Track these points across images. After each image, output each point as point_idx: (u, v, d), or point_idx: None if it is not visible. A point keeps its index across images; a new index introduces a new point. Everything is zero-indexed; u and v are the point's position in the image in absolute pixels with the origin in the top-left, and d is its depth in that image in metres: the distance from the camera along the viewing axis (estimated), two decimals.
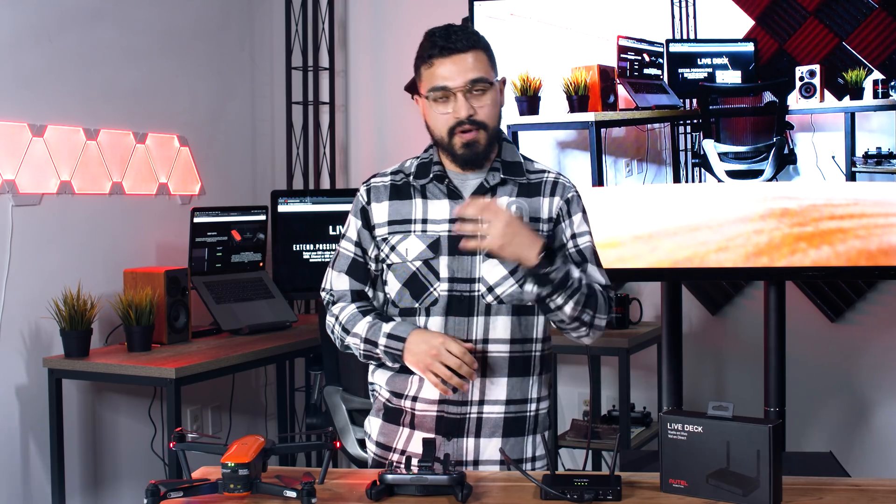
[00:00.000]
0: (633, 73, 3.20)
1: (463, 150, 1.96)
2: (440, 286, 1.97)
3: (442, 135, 1.97)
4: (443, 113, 1.95)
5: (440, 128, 1.96)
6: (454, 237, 1.97)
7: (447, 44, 1.93)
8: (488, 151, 1.98)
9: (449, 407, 1.97)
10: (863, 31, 3.07)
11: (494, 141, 2.00)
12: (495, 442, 1.99)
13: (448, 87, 1.93)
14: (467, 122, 1.93)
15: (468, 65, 1.93)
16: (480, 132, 1.95)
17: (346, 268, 2.05)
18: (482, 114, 1.95)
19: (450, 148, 1.97)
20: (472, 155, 1.96)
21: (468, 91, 1.93)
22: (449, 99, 1.94)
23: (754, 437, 1.63)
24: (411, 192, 2.02)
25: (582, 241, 2.03)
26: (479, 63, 1.94)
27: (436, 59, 1.94)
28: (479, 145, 1.96)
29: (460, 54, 1.93)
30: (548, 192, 2.02)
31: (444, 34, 1.95)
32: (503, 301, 1.97)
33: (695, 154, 3.19)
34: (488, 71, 1.96)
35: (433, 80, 1.94)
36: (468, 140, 1.95)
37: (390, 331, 1.95)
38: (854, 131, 3.08)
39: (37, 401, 3.30)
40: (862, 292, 3.80)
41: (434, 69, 1.94)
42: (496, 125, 1.99)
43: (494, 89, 1.97)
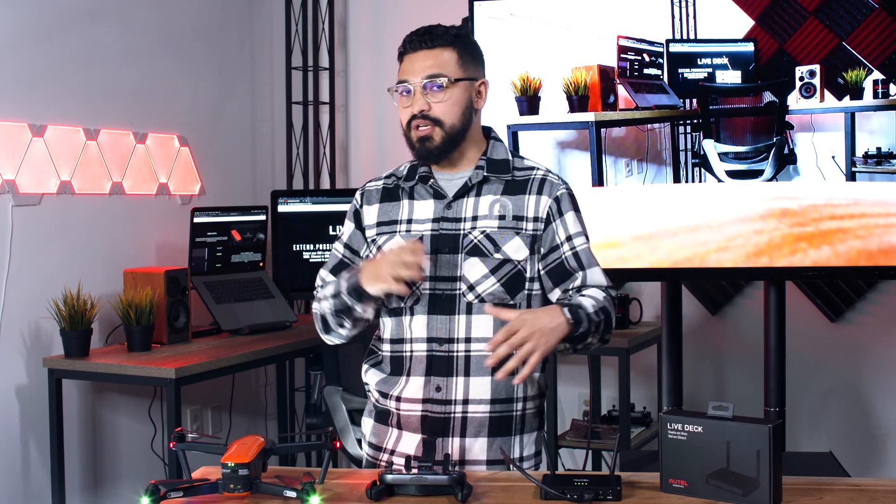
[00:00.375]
0: (633, 73, 3.20)
1: (418, 144, 1.99)
2: (423, 285, 1.97)
3: (404, 128, 2.01)
4: (403, 107, 1.99)
5: (403, 122, 2.01)
6: (436, 236, 1.98)
7: (415, 39, 1.98)
8: (446, 149, 1.99)
9: (433, 406, 1.97)
10: (863, 31, 3.07)
11: (454, 140, 1.99)
12: (481, 441, 1.98)
13: (407, 80, 1.98)
14: (420, 116, 1.96)
15: (429, 62, 1.97)
16: (435, 129, 1.97)
17: (331, 267, 2.09)
18: (437, 110, 1.96)
19: (409, 142, 2.01)
20: (425, 151, 1.98)
21: (426, 87, 1.96)
22: (410, 94, 1.98)
23: (754, 437, 1.63)
24: (400, 194, 2.05)
25: (578, 242, 2.00)
26: (443, 60, 1.97)
27: (406, 55, 2.00)
28: (433, 141, 1.97)
29: (426, 50, 1.97)
30: (534, 190, 2.01)
31: (420, 32, 2.00)
32: (485, 299, 1.96)
33: (695, 154, 3.19)
34: (454, 69, 1.97)
35: (399, 75, 2.00)
36: (421, 135, 1.97)
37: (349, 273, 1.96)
38: (854, 131, 3.08)
39: (37, 401, 3.30)
40: (862, 292, 3.80)
41: (403, 64, 2.00)
42: (456, 124, 1.98)
43: (458, 87, 1.97)
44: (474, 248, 1.97)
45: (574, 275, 1.98)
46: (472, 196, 2.00)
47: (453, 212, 1.99)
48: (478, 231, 1.98)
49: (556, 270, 2.00)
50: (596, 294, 1.95)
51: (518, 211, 2.00)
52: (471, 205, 2.00)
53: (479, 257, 1.96)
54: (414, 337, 1.98)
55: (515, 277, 1.98)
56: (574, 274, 1.99)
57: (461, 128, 1.99)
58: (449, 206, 2.00)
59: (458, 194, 2.00)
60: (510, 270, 1.97)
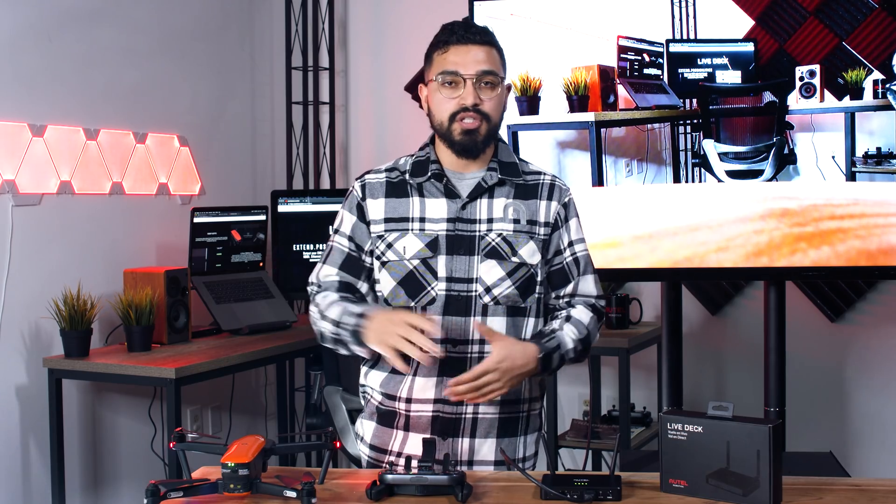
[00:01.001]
0: (633, 73, 3.20)
1: (461, 136, 1.96)
2: (438, 285, 1.96)
3: (443, 119, 1.97)
4: (449, 97, 1.96)
5: (443, 112, 1.97)
6: (452, 237, 1.97)
7: (465, 33, 1.97)
8: (485, 145, 1.99)
9: (445, 407, 1.97)
10: (863, 31, 3.07)
11: (493, 137, 2.01)
12: (490, 442, 1.99)
13: (459, 72, 1.95)
14: (472, 109, 1.94)
15: (482, 56, 1.96)
16: (483, 123, 1.96)
17: (339, 262, 2.03)
18: (488, 105, 1.96)
19: (448, 134, 1.97)
20: (469, 143, 1.97)
21: (478, 81, 1.95)
22: (457, 85, 1.95)
23: (754, 437, 1.63)
24: (408, 189, 2.01)
25: (579, 248, 2.05)
26: (492, 58, 1.98)
27: (451, 46, 1.96)
28: (479, 135, 1.97)
29: (476, 46, 1.96)
30: (545, 195, 2.03)
31: (464, 25, 1.99)
32: (500, 302, 1.97)
33: (695, 154, 3.19)
34: (499, 69, 1.99)
35: (444, 65, 1.96)
36: (469, 127, 1.96)
37: (360, 309, 1.92)
38: (854, 131, 3.08)
39: (37, 401, 3.30)
40: (862, 292, 3.80)
41: (447, 55, 1.96)
42: (498, 122, 2.00)
43: (502, 87, 1.99)
44: (492, 251, 1.97)
45: (569, 281, 2.04)
46: (485, 198, 2.00)
47: (468, 213, 1.98)
48: (494, 234, 1.98)
49: (557, 275, 2.04)
50: (582, 317, 2.01)
51: (532, 215, 2.01)
52: (485, 206, 1.99)
53: (497, 260, 1.97)
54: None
55: (529, 281, 1.99)
56: (570, 280, 2.04)
57: (498, 127, 2.02)
58: (464, 206, 1.99)
59: (472, 195, 1.99)
60: (525, 274, 1.98)
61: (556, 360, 1.95)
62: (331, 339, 1.99)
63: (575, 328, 1.99)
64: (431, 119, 2.02)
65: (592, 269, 2.07)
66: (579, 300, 2.04)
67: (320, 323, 2.00)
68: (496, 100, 1.98)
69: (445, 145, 2.01)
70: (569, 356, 1.98)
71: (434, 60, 1.99)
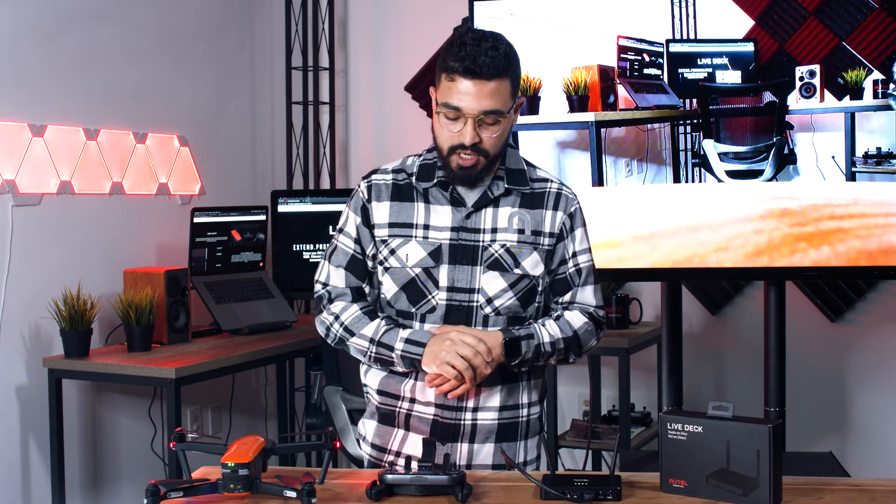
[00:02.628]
0: (633, 73, 3.20)
1: (458, 170, 1.94)
2: (439, 295, 1.96)
3: (442, 147, 1.95)
4: (449, 130, 1.92)
5: (442, 141, 1.94)
6: (455, 246, 1.96)
7: (474, 66, 1.86)
8: (484, 175, 1.97)
9: (444, 412, 1.97)
10: (863, 31, 3.07)
11: (494, 163, 1.97)
12: (488, 447, 1.99)
13: (461, 109, 1.89)
14: (470, 148, 1.91)
15: (487, 93, 1.87)
16: (480, 159, 1.93)
17: (345, 263, 2.02)
18: (487, 143, 1.92)
19: (447, 162, 1.95)
20: (465, 177, 1.95)
21: (479, 120, 1.89)
22: (458, 120, 1.90)
23: (754, 437, 1.63)
24: (413, 194, 2.00)
25: (582, 259, 2.03)
26: (499, 94, 1.88)
27: (458, 77, 1.87)
28: (475, 170, 1.94)
29: (484, 82, 1.87)
30: (551, 205, 2.01)
31: (474, 53, 1.86)
32: (501, 313, 1.97)
33: (695, 154, 3.19)
34: (507, 102, 1.91)
35: (449, 96, 1.89)
36: (465, 164, 1.93)
37: (409, 336, 1.94)
38: (854, 131, 3.08)
39: (37, 401, 3.30)
40: (862, 292, 3.80)
41: (454, 85, 1.88)
42: (499, 153, 1.96)
43: (507, 119, 1.93)
44: (495, 263, 1.96)
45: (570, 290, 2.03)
46: (490, 207, 1.98)
47: (472, 222, 1.97)
48: (498, 244, 1.97)
49: (559, 284, 2.04)
50: (573, 320, 2.00)
51: (537, 226, 1.99)
52: (490, 216, 1.98)
53: (500, 272, 1.96)
54: None
55: (530, 292, 1.99)
56: (570, 289, 2.03)
57: (500, 153, 1.97)
58: (468, 216, 1.97)
59: (477, 204, 1.98)
60: (527, 285, 1.98)
61: (525, 349, 1.93)
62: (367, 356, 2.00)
63: (559, 327, 1.98)
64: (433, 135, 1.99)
65: (594, 279, 2.05)
66: (576, 307, 2.04)
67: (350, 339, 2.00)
68: (497, 137, 1.92)
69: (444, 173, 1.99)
70: (545, 349, 1.95)
71: (441, 83, 1.92)
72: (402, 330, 1.95)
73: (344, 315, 2.00)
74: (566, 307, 2.03)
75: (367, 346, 1.98)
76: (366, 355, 2.00)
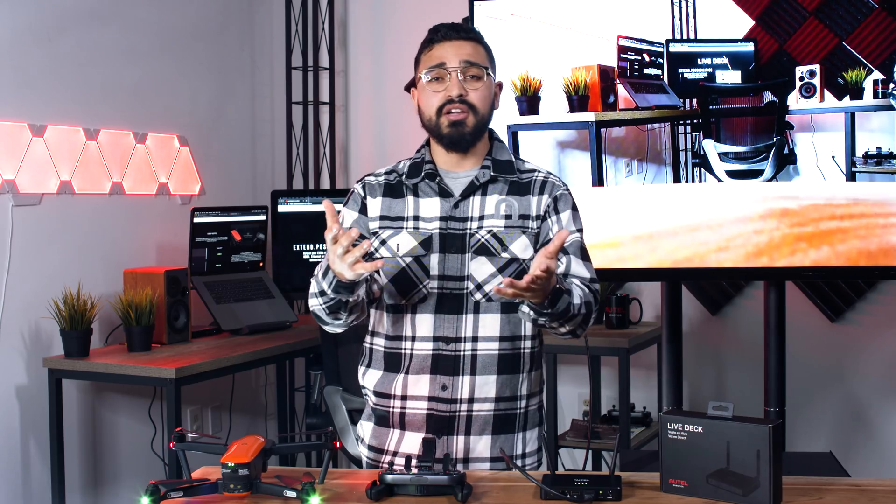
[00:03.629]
0: (633, 73, 3.20)
1: (449, 129, 1.97)
2: (430, 283, 1.97)
3: (431, 114, 1.99)
4: (435, 91, 1.98)
5: (430, 107, 1.98)
6: (444, 235, 1.98)
7: (449, 31, 2.01)
8: (474, 138, 1.99)
9: (438, 405, 1.97)
10: (863, 31, 3.07)
11: (483, 130, 2.01)
12: (485, 439, 1.99)
13: (444, 64, 1.97)
14: (458, 100, 1.96)
15: (466, 50, 1.99)
16: (469, 115, 1.97)
17: None
18: (474, 96, 1.97)
19: (437, 128, 1.98)
20: (457, 135, 1.97)
21: (463, 73, 1.97)
22: (443, 79, 1.98)
23: (754, 437, 1.63)
24: (404, 190, 2.04)
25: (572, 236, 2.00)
26: (477, 52, 2.01)
27: (436, 43, 2.00)
28: (466, 127, 1.97)
29: (461, 41, 2.00)
30: (537, 191, 2.03)
31: (449, 24, 2.03)
32: (492, 299, 1.97)
33: (695, 154, 3.19)
34: (486, 62, 2.01)
35: (430, 61, 2.00)
36: (456, 119, 1.96)
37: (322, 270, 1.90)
38: (854, 131, 3.08)
39: (37, 401, 3.30)
40: (862, 292, 3.80)
41: (433, 51, 2.00)
42: (486, 115, 2.00)
43: (490, 81, 2.01)
44: (482, 248, 1.97)
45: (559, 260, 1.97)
46: (478, 195, 2.00)
47: (460, 211, 1.99)
48: (484, 230, 1.98)
49: None
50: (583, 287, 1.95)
51: (524, 210, 2.00)
52: (477, 204, 2.00)
53: (487, 256, 1.96)
54: (417, 335, 1.98)
55: (521, 276, 1.97)
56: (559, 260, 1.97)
57: (488, 121, 2.02)
58: (456, 204, 1.99)
59: (464, 193, 2.00)
60: (516, 269, 1.97)
61: (562, 304, 1.84)
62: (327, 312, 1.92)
63: (580, 291, 1.92)
64: (421, 118, 2.03)
65: (587, 255, 2.01)
66: (573, 280, 1.97)
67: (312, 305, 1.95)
68: (482, 91, 1.98)
69: (436, 141, 2.02)
70: (573, 310, 1.87)
71: (421, 60, 2.03)
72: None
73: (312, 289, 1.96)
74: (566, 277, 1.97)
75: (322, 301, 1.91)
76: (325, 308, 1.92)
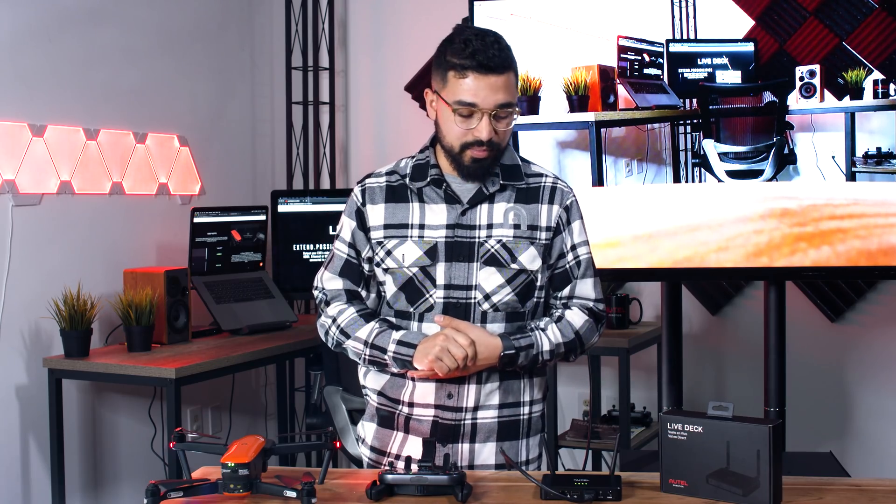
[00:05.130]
0: (633, 73, 3.20)
1: (472, 164, 1.94)
2: (436, 293, 1.96)
3: (453, 145, 1.94)
4: (463, 127, 1.91)
5: (454, 139, 1.93)
6: (452, 243, 1.96)
7: (486, 61, 1.87)
8: (493, 167, 1.98)
9: (444, 413, 1.96)
10: (863, 31, 3.07)
11: (501, 156, 1.98)
12: (490, 446, 1.98)
13: (477, 105, 1.89)
14: (486, 143, 1.91)
15: (500, 86, 1.89)
16: (493, 152, 1.94)
17: (339, 269, 2.04)
18: (501, 136, 1.94)
19: (458, 158, 1.95)
20: (479, 170, 1.95)
21: (494, 114, 1.90)
22: (473, 116, 1.90)
23: (754, 437, 1.63)
24: (408, 194, 2.00)
25: (581, 251, 2.03)
26: (509, 86, 1.91)
27: (471, 73, 1.88)
28: (487, 162, 1.95)
29: (496, 76, 1.88)
30: (546, 199, 2.01)
31: (482, 47, 1.88)
32: (499, 309, 1.96)
33: (695, 154, 3.19)
34: (515, 94, 1.94)
35: (461, 94, 1.89)
36: (480, 158, 1.93)
37: (401, 338, 1.94)
38: (854, 131, 3.08)
39: (37, 401, 3.30)
40: (862, 292, 3.80)
41: (465, 81, 1.89)
42: (507, 144, 1.99)
43: (516, 112, 1.95)
44: (491, 258, 1.96)
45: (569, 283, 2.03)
46: (485, 203, 1.98)
47: (468, 219, 1.97)
48: (494, 240, 1.96)
49: (558, 278, 2.03)
50: (574, 319, 2.00)
51: (532, 220, 1.99)
52: (485, 212, 1.98)
53: (496, 267, 1.96)
54: None
55: (528, 287, 1.98)
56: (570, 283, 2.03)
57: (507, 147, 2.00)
58: (464, 212, 1.97)
59: (472, 201, 1.98)
60: (524, 280, 1.97)
61: (523, 359, 1.94)
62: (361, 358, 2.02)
63: (560, 331, 1.98)
64: (440, 135, 1.98)
65: (593, 272, 2.05)
66: (576, 303, 2.03)
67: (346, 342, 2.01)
68: (509, 129, 1.95)
69: (452, 166, 1.98)
70: (543, 357, 1.96)
71: (449, 81, 1.91)
72: (395, 332, 1.96)
73: (340, 318, 2.01)
74: (566, 304, 2.03)
75: (362, 349, 1.98)
76: (360, 358, 2.01)
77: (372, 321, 1.99)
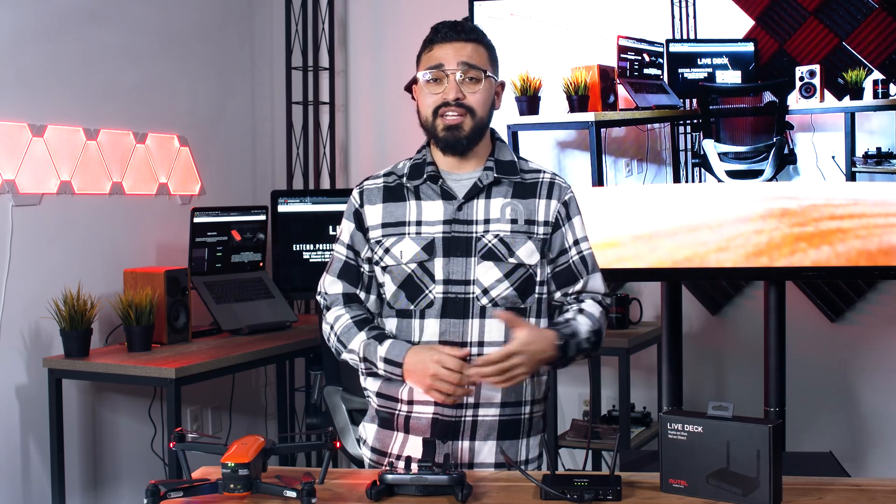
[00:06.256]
0: (633, 73, 3.20)
1: (444, 132, 1.96)
2: (435, 288, 1.96)
3: (427, 115, 1.98)
4: (433, 93, 1.96)
5: (427, 108, 1.98)
6: (448, 238, 1.97)
7: (450, 32, 1.97)
8: (471, 141, 1.98)
9: (444, 410, 1.96)
10: (863, 31, 3.07)
11: (481, 133, 1.99)
12: (490, 444, 1.98)
13: (443, 65, 1.95)
14: (454, 104, 1.94)
15: (466, 51, 1.96)
16: (466, 118, 1.95)
17: (338, 272, 2.05)
18: (472, 99, 1.96)
19: (433, 130, 1.98)
20: (453, 139, 1.96)
21: (462, 75, 1.95)
22: (441, 81, 1.95)
23: (754, 437, 1.63)
24: (405, 193, 2.01)
25: (584, 247, 2.04)
26: (477, 54, 1.97)
27: (436, 44, 1.97)
28: (462, 130, 1.96)
29: (461, 42, 1.96)
30: (544, 194, 2.01)
31: (451, 24, 1.99)
32: (498, 304, 1.96)
33: (695, 154, 3.19)
34: (486, 64, 1.98)
35: (429, 61, 1.97)
36: (451, 123, 1.95)
37: (385, 355, 1.94)
38: (854, 131, 3.08)
39: (37, 401, 3.30)
40: (862, 292, 3.80)
41: (433, 52, 1.98)
42: (485, 117, 1.99)
43: (489, 84, 1.98)
44: (489, 252, 1.96)
45: (577, 280, 2.02)
46: (482, 198, 1.99)
47: (464, 213, 1.97)
48: (491, 234, 1.97)
49: (563, 274, 2.03)
50: (593, 310, 2.00)
51: (530, 215, 1.99)
52: (482, 207, 1.98)
53: (494, 261, 1.96)
54: (424, 340, 1.97)
55: (527, 281, 1.98)
56: (578, 279, 2.02)
57: (486, 123, 2.01)
58: (460, 207, 1.98)
59: (468, 195, 1.98)
60: (523, 275, 1.98)
61: (573, 348, 1.94)
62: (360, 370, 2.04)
63: (588, 319, 1.98)
64: (420, 118, 2.02)
65: (598, 266, 2.07)
66: (588, 296, 2.04)
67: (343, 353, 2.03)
68: (481, 94, 1.96)
69: (433, 143, 2.01)
70: (583, 346, 1.96)
71: (421, 60, 2.00)
72: (380, 346, 1.96)
73: (337, 325, 2.03)
74: (578, 298, 2.03)
75: (358, 362, 2.01)
76: (359, 369, 2.04)
77: (363, 330, 1.99)
